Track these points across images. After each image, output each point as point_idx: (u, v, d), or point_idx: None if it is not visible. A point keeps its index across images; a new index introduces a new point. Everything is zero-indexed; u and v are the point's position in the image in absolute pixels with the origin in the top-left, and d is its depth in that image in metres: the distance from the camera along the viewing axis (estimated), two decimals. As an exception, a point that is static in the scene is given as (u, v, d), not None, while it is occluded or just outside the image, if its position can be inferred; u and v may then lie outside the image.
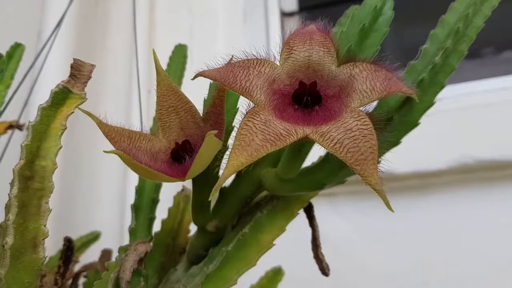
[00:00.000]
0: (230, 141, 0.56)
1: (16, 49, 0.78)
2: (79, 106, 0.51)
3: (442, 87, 0.51)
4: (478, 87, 1.25)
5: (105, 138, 0.52)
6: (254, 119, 0.43)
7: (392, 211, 0.43)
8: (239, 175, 0.59)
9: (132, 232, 0.62)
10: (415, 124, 0.51)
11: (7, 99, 0.77)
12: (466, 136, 1.13)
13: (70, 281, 0.81)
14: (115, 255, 0.90)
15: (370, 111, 0.47)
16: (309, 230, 0.62)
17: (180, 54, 0.79)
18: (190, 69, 0.91)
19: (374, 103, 0.52)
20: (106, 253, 0.87)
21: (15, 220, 0.46)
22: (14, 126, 0.86)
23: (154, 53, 0.55)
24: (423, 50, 0.52)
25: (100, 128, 0.52)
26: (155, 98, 0.56)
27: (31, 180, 0.47)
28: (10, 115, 0.86)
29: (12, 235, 0.46)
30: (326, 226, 0.79)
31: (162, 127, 0.56)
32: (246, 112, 0.44)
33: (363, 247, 1.20)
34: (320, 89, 0.47)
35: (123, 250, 0.55)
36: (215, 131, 0.45)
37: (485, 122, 1.15)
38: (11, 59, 0.76)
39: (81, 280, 0.86)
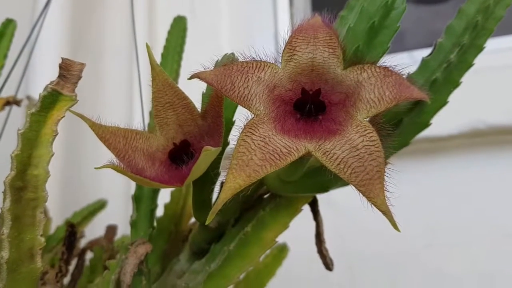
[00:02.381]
0: (229, 139, 0.54)
1: (8, 26, 0.74)
2: (71, 109, 0.48)
3: (456, 86, 0.47)
4: (491, 46, 1.19)
5: (99, 140, 0.50)
6: (253, 134, 0.40)
7: (399, 231, 0.41)
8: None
9: (133, 224, 0.61)
10: (426, 125, 0.49)
11: (2, 79, 0.75)
12: (478, 101, 1.08)
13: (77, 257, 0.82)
14: (120, 229, 0.91)
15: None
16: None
17: (179, 27, 0.75)
18: (193, 40, 0.87)
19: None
20: (111, 229, 0.87)
21: (9, 234, 0.45)
22: (11, 102, 0.84)
23: (147, 46, 0.51)
24: (438, 44, 0.48)
25: (93, 131, 0.50)
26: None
27: (24, 191, 0.46)
28: (6, 91, 0.84)
29: (7, 249, 0.45)
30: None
31: (159, 123, 0.53)
32: (245, 125, 0.41)
33: (369, 210, 1.20)
34: (324, 95, 0.44)
35: (123, 249, 0.54)
36: (211, 148, 0.42)
37: (498, 85, 1.10)
38: (3, 37, 0.73)
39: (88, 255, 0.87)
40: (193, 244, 0.61)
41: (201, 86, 0.55)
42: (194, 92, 0.55)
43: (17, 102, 0.86)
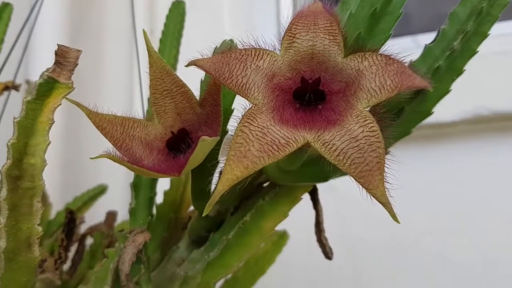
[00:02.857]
0: (230, 127, 0.54)
1: (4, 10, 0.73)
2: (67, 96, 0.48)
3: (459, 74, 0.46)
4: (495, 31, 1.17)
5: (96, 128, 0.49)
6: (251, 124, 0.40)
7: (399, 222, 0.40)
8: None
9: (132, 212, 0.61)
10: (428, 113, 0.48)
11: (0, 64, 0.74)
12: (481, 87, 1.07)
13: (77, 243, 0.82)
14: (120, 215, 0.91)
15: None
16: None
17: (178, 12, 0.73)
18: (193, 24, 0.86)
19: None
20: (111, 215, 0.87)
21: (6, 223, 0.45)
22: (10, 87, 0.83)
23: (144, 33, 0.50)
24: (441, 31, 0.46)
25: (90, 119, 0.49)
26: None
27: (21, 180, 0.45)
28: (4, 76, 0.83)
29: (4, 239, 0.45)
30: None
31: (157, 111, 0.52)
32: (242, 115, 0.40)
33: (371, 197, 1.19)
34: (325, 84, 0.43)
35: (122, 237, 0.54)
36: (208, 138, 0.42)
37: (501, 71, 1.08)
38: (-1, 21, 0.72)
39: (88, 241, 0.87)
40: (192, 232, 0.61)
41: (200, 73, 0.54)
42: (193, 79, 0.54)
43: (16, 87, 0.85)
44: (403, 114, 0.47)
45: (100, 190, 1.07)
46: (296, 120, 0.41)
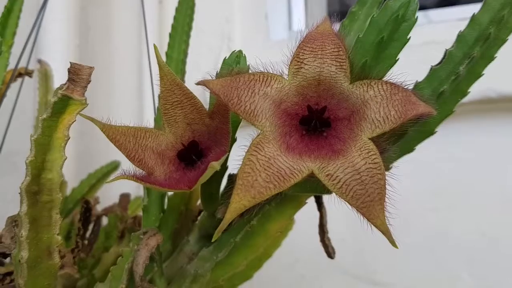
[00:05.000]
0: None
1: (15, 2, 0.73)
2: (81, 112, 0.49)
3: (464, 96, 0.47)
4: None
5: (110, 142, 0.51)
6: (258, 153, 0.41)
7: (397, 247, 0.42)
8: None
9: (145, 208, 0.64)
10: (431, 133, 0.49)
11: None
12: (488, 70, 1.06)
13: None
14: (132, 191, 0.94)
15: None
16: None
17: (187, 5, 0.73)
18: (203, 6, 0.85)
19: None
20: (124, 198, 0.90)
21: (28, 235, 0.47)
22: (23, 73, 0.85)
23: (155, 48, 0.51)
24: (448, 53, 0.47)
25: (104, 133, 0.51)
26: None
27: (40, 194, 0.48)
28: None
29: (26, 249, 0.48)
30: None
31: (167, 121, 0.54)
32: (251, 143, 0.42)
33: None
34: (331, 110, 0.44)
35: (135, 238, 0.57)
36: (217, 166, 0.43)
37: (509, 54, 1.07)
38: (10, 14, 0.72)
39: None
40: (202, 228, 0.63)
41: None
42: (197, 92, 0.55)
43: (29, 73, 0.86)
44: (407, 134, 0.48)
45: (113, 167, 1.09)
46: (302, 148, 0.43)
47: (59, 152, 0.48)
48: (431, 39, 1.01)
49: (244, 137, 0.46)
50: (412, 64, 0.48)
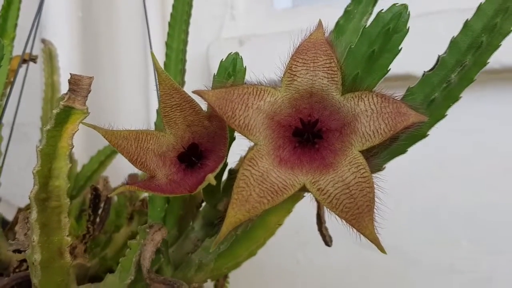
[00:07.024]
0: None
1: (14, -6, 0.73)
2: (83, 121, 0.51)
3: (456, 101, 0.48)
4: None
5: (113, 147, 0.53)
6: (252, 167, 0.43)
7: (385, 253, 0.45)
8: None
9: (150, 200, 0.67)
10: (423, 136, 0.50)
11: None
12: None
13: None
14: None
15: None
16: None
17: (183, 1, 0.73)
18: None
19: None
20: (133, 178, 0.93)
21: (39, 240, 0.51)
22: (27, 60, 0.86)
23: (152, 55, 0.52)
24: (440, 60, 0.47)
25: (106, 139, 0.53)
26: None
27: (48, 201, 0.51)
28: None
29: (39, 253, 0.51)
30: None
31: (168, 123, 0.55)
32: (244, 157, 0.44)
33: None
34: (323, 122, 0.45)
35: (142, 232, 0.60)
36: (213, 179, 0.45)
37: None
38: (10, 6, 0.73)
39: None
40: (205, 217, 0.66)
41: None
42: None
43: (34, 59, 0.88)
44: (399, 138, 0.49)
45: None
46: (294, 160, 0.44)
47: (64, 160, 0.51)
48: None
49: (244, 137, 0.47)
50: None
